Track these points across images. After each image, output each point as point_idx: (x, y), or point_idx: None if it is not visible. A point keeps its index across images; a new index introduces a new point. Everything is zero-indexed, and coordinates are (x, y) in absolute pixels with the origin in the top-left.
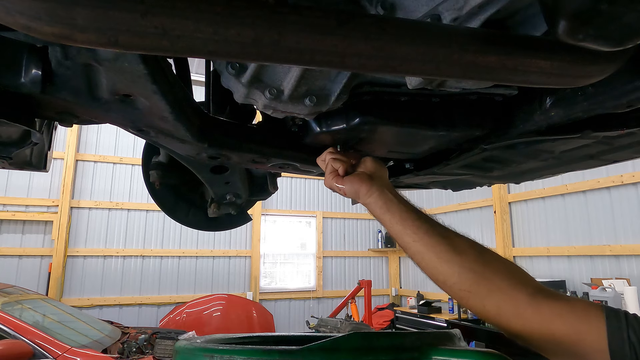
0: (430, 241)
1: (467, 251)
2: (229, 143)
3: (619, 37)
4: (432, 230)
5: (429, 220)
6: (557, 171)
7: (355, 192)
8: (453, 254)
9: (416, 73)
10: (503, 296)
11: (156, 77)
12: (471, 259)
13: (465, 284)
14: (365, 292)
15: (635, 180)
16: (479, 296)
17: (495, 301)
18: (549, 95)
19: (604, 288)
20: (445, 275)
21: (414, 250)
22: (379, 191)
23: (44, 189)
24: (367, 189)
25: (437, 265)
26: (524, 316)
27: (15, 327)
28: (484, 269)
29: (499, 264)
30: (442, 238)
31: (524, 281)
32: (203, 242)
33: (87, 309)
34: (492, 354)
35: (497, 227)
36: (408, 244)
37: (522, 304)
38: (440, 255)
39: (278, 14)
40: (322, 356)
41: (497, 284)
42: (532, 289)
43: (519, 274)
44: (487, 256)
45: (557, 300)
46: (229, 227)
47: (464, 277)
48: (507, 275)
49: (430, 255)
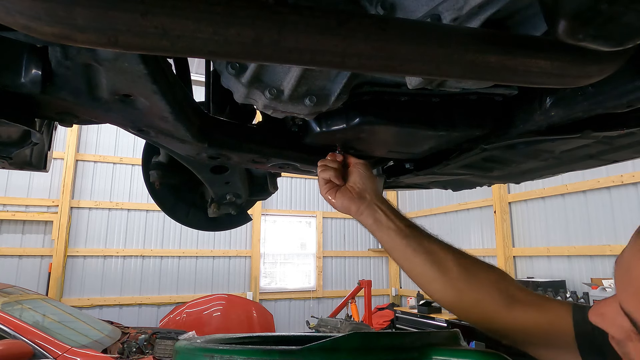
0: (417, 260)
1: (452, 270)
2: (229, 143)
3: (619, 37)
4: (420, 248)
5: (417, 237)
6: (557, 171)
7: (346, 209)
8: (439, 274)
9: (416, 73)
10: (483, 308)
11: (156, 77)
12: (455, 276)
13: (449, 299)
14: (365, 292)
15: (635, 180)
16: (462, 309)
17: (476, 312)
18: (549, 95)
19: (604, 288)
20: (432, 290)
21: (403, 265)
22: (367, 210)
23: (44, 189)
24: (356, 208)
25: (423, 281)
26: (501, 322)
27: (15, 327)
28: (467, 285)
29: (481, 276)
30: (429, 256)
31: (503, 290)
32: (203, 242)
33: (87, 309)
34: (492, 354)
35: (497, 227)
36: (397, 259)
37: (501, 314)
38: (427, 273)
39: (278, 14)
40: (322, 356)
41: (479, 298)
42: (509, 299)
43: (499, 282)
44: (472, 270)
45: (530, 305)
46: (229, 227)
47: (449, 294)
48: (488, 288)
49: (417, 272)
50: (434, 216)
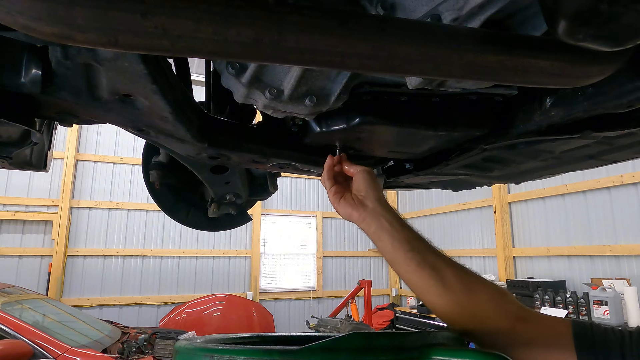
0: (420, 274)
1: (455, 287)
2: (229, 143)
3: (619, 37)
4: (423, 262)
5: (422, 251)
6: (557, 171)
7: (348, 216)
8: (442, 290)
9: (416, 73)
10: (485, 324)
11: (156, 77)
12: (458, 294)
13: (450, 315)
14: (365, 292)
15: (635, 180)
16: (464, 324)
17: (479, 328)
18: (549, 95)
19: (604, 288)
20: (433, 305)
21: (404, 278)
22: (370, 218)
23: (44, 189)
24: (358, 216)
25: (426, 295)
26: (503, 338)
27: (15, 327)
28: (469, 303)
29: (484, 294)
30: (432, 271)
31: (504, 309)
32: (203, 242)
33: (87, 309)
34: (492, 354)
35: (497, 227)
36: (399, 272)
37: (502, 330)
38: (430, 289)
39: (278, 14)
40: (322, 356)
41: (480, 317)
42: (511, 316)
43: (500, 299)
44: (474, 287)
45: (531, 323)
46: (229, 227)
47: (450, 310)
48: (490, 306)
49: (419, 286)
50: (434, 216)
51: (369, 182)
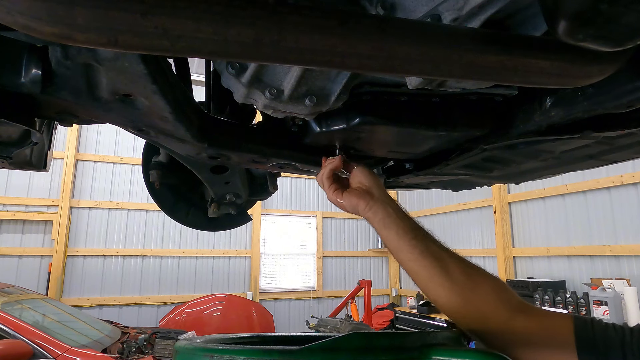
0: (424, 262)
1: (458, 277)
2: (229, 143)
3: (619, 38)
4: (427, 251)
5: (425, 240)
6: (557, 171)
7: (354, 207)
8: (445, 279)
9: (416, 73)
10: (486, 316)
11: (156, 77)
12: (461, 284)
13: (453, 306)
14: (365, 292)
15: (635, 180)
16: (465, 316)
17: (479, 320)
18: (549, 96)
19: (603, 288)
20: (435, 295)
21: (407, 267)
22: (377, 206)
23: (44, 188)
24: (365, 204)
25: (428, 285)
26: (503, 331)
27: (15, 327)
28: (471, 294)
29: (486, 285)
30: (435, 260)
31: (505, 302)
32: (203, 242)
33: (87, 309)
34: (492, 354)
35: (497, 227)
36: (402, 261)
37: (503, 322)
38: (433, 278)
39: (278, 14)
40: (322, 356)
41: (482, 306)
42: (512, 308)
43: (502, 292)
44: (476, 278)
45: (532, 317)
46: (229, 227)
47: (453, 300)
48: (492, 298)
49: (422, 276)
50: (434, 216)
51: (370, 174)
